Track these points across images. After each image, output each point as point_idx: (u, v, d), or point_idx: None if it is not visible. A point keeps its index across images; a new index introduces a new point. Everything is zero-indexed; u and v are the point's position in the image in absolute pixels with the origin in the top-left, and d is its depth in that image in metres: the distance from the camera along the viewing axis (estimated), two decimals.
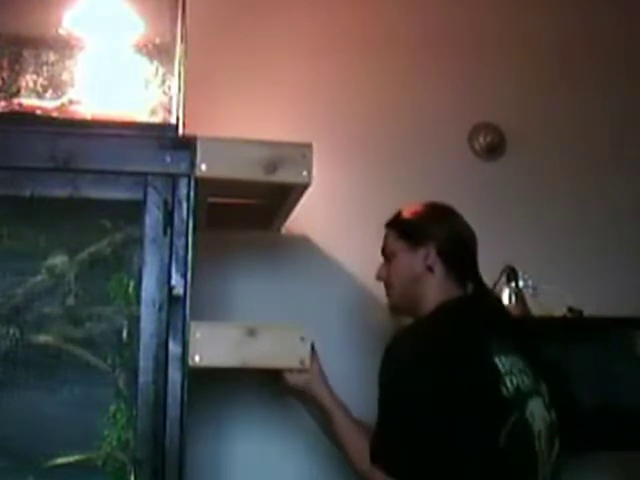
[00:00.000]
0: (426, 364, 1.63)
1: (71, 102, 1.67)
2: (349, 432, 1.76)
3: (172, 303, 1.55)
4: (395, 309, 1.90)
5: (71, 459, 1.57)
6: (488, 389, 1.65)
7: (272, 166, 1.64)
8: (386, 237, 1.89)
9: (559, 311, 2.23)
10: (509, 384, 1.66)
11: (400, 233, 1.83)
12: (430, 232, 1.79)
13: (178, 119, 1.66)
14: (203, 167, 1.60)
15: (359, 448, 1.69)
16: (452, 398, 1.60)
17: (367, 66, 2.39)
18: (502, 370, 1.67)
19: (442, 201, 1.92)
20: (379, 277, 1.91)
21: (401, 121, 2.39)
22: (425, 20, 2.46)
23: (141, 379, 1.53)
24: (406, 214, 1.86)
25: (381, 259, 1.92)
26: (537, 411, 1.68)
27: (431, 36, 2.45)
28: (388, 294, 1.89)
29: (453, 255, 1.79)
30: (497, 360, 1.68)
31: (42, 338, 1.60)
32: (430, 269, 1.78)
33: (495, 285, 2.24)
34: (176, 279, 1.56)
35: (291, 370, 1.75)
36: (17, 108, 1.65)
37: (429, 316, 1.76)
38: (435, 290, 1.78)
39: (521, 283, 2.25)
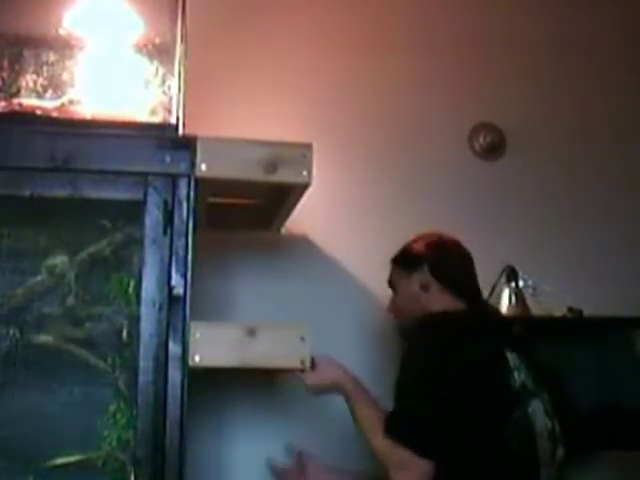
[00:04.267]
0: (445, 350, 1.68)
1: (71, 102, 1.67)
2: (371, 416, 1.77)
3: (172, 303, 1.56)
4: (404, 331, 1.98)
5: (71, 459, 1.57)
6: (499, 377, 1.71)
7: (272, 166, 1.64)
8: (390, 271, 2.00)
9: (559, 311, 2.23)
10: (516, 377, 1.72)
11: (398, 263, 1.97)
12: (421, 256, 1.91)
13: (178, 119, 1.66)
14: (203, 167, 1.60)
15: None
16: (466, 386, 1.64)
17: (367, 66, 2.39)
18: (511, 363, 1.73)
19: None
20: (389, 309, 2.04)
21: (401, 121, 2.39)
22: (425, 20, 2.46)
23: (141, 379, 1.53)
24: (405, 245, 1.97)
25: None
26: (539, 413, 1.72)
27: (431, 36, 2.45)
28: (398, 320, 2.03)
29: (445, 273, 1.89)
30: (507, 353, 1.75)
31: (42, 338, 1.60)
32: (425, 288, 1.88)
33: (495, 285, 2.24)
34: (176, 279, 1.56)
35: (292, 370, 1.75)
36: (17, 108, 1.65)
37: (444, 312, 1.84)
38: (434, 305, 1.86)
39: (521, 283, 2.25)
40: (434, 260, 1.89)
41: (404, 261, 1.94)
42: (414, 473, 1.60)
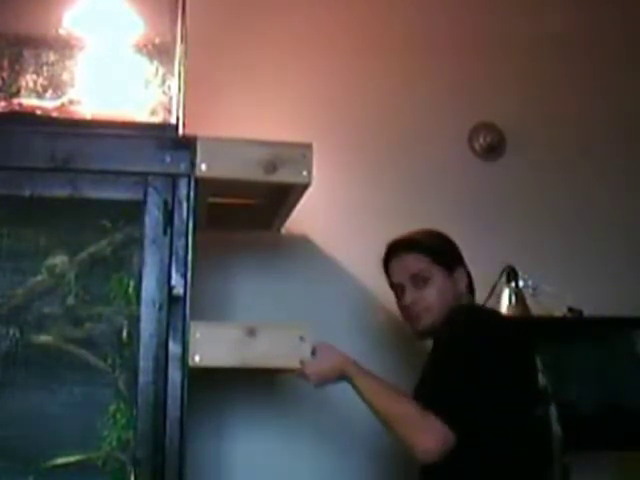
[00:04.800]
0: (488, 336, 1.71)
1: (71, 102, 1.67)
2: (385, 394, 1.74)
3: (172, 303, 1.55)
4: (426, 332, 1.87)
5: (71, 459, 1.57)
6: (531, 372, 1.75)
7: (272, 166, 1.64)
8: (413, 262, 1.88)
9: (559, 311, 2.23)
10: (541, 379, 1.76)
11: (436, 259, 1.87)
12: (459, 256, 1.91)
13: (178, 119, 1.66)
14: (203, 167, 1.60)
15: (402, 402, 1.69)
16: (502, 373, 1.66)
17: (367, 66, 2.39)
18: (538, 364, 1.78)
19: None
20: (414, 303, 1.87)
21: (401, 121, 2.39)
22: (425, 21, 2.46)
23: (141, 379, 1.53)
24: (429, 240, 1.90)
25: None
26: (554, 417, 1.76)
27: (431, 36, 2.45)
28: (420, 317, 1.87)
29: (469, 273, 1.92)
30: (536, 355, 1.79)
31: (42, 338, 1.60)
32: (468, 288, 1.90)
33: (495, 285, 2.24)
34: (176, 279, 1.56)
35: (292, 370, 1.75)
36: (17, 108, 1.65)
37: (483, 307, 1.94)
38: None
39: (521, 283, 2.25)
40: (463, 260, 1.91)
41: (443, 258, 1.87)
42: (436, 437, 1.58)
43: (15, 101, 1.65)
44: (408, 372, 1.94)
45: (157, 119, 1.68)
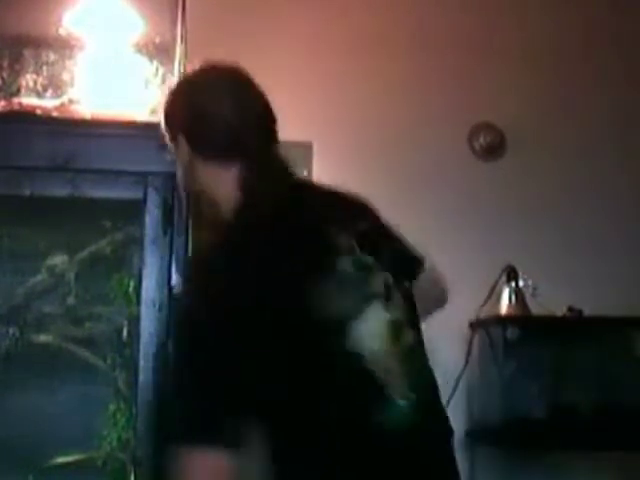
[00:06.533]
0: None
1: (71, 102, 1.67)
2: None
3: (172, 303, 1.56)
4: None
5: (71, 459, 1.57)
6: None
7: None
8: None
9: (559, 311, 2.23)
10: None
11: (164, 120, 1.41)
12: (176, 118, 1.38)
13: None
14: None
15: None
16: None
17: (367, 66, 2.39)
18: None
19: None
20: None
21: (401, 121, 2.39)
22: (425, 20, 2.46)
23: (141, 379, 1.53)
24: (169, 92, 1.42)
25: None
26: None
27: (431, 36, 2.45)
28: None
29: (201, 138, 1.34)
30: None
31: (42, 338, 1.60)
32: (191, 163, 1.33)
33: (495, 285, 2.24)
34: (176, 279, 1.56)
35: None
36: (17, 108, 1.65)
37: None
38: (208, 185, 1.31)
39: (521, 283, 2.24)
40: (186, 122, 1.35)
41: (165, 119, 1.39)
42: None
43: (15, 101, 1.65)
44: None
45: (157, 119, 1.68)
